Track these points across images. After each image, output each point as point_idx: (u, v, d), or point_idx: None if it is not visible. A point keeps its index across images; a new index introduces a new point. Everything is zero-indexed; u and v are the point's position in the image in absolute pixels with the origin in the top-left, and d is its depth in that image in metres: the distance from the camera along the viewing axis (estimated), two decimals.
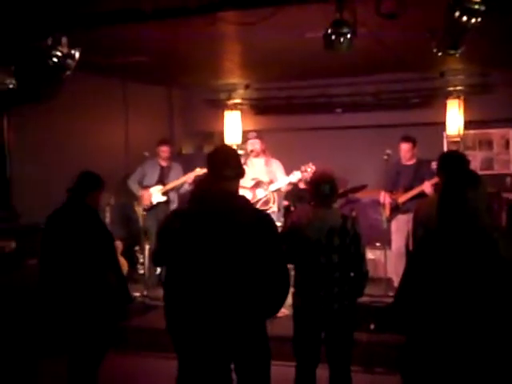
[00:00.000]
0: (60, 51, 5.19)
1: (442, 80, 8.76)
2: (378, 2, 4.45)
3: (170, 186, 8.04)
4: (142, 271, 8.29)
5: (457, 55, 5.01)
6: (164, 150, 8.20)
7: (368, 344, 5.59)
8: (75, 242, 4.49)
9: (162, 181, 8.13)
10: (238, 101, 9.86)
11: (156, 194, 8.05)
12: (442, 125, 8.85)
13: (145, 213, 8.01)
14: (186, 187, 7.97)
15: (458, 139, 8.90)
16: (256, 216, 3.52)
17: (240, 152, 6.45)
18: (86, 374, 4.60)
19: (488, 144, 9.27)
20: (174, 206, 8.03)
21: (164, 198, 8.07)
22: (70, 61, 5.27)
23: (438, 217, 2.89)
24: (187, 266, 3.40)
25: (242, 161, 4.00)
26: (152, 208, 8.03)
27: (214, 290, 3.32)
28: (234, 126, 9.88)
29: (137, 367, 5.93)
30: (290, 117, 9.67)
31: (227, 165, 3.48)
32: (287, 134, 9.45)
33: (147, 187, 8.09)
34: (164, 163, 8.23)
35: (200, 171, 7.62)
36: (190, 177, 7.82)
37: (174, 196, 8.19)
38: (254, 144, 7.31)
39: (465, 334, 2.65)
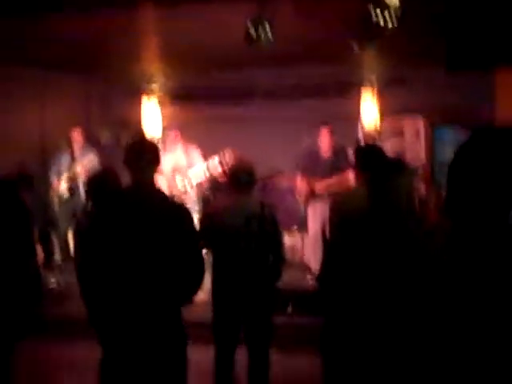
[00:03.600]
0: None
1: (358, 72, 8.99)
2: None
3: (75, 172, 7.84)
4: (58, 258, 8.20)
5: (371, 49, 5.18)
6: (75, 133, 8.05)
7: (285, 327, 5.69)
8: None
9: (71, 167, 7.94)
10: (156, 90, 9.78)
11: (64, 187, 7.93)
12: (358, 116, 9.08)
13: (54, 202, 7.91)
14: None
15: (374, 130, 9.16)
16: (169, 206, 3.58)
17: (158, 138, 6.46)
18: None
19: (400, 134, 9.56)
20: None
21: (66, 187, 7.89)
22: None
23: (367, 201, 3.00)
24: (103, 259, 3.43)
25: (160, 147, 4.04)
26: (60, 197, 7.93)
27: (130, 278, 3.36)
28: (152, 115, 9.80)
29: (54, 355, 5.92)
30: (209, 106, 9.67)
31: (141, 156, 3.52)
32: (207, 124, 9.43)
33: (59, 177, 7.96)
34: (76, 149, 8.03)
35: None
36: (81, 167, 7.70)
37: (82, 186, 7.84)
38: (173, 134, 7.34)
39: (376, 315, 2.78)
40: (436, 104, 8.84)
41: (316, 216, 7.45)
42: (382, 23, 4.29)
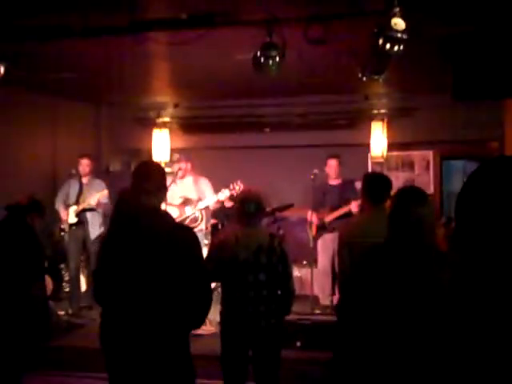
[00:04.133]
0: None
1: (367, 103, 9.02)
2: (306, 27, 4.58)
3: (80, 206, 7.73)
4: (67, 289, 8.15)
5: (380, 80, 5.20)
6: (83, 164, 7.87)
7: (295, 361, 5.63)
8: (7, 255, 4.40)
9: (78, 200, 7.80)
10: (166, 119, 9.83)
11: (71, 215, 7.76)
12: (366, 146, 9.11)
13: (62, 233, 7.78)
14: (99, 210, 7.76)
15: (382, 160, 9.17)
16: (177, 231, 3.53)
17: (168, 170, 6.47)
18: None
19: (410, 165, 9.59)
20: (93, 226, 7.78)
21: (75, 220, 7.74)
22: None
23: (388, 232, 2.94)
24: (113, 282, 3.41)
25: (170, 180, 4.03)
26: (70, 228, 7.76)
27: (137, 304, 3.33)
28: (162, 144, 9.84)
29: None
30: (219, 135, 9.75)
31: (148, 178, 3.50)
32: (216, 153, 9.51)
33: (68, 207, 7.82)
34: (85, 179, 7.90)
35: (101, 195, 7.57)
36: (96, 198, 7.62)
37: (93, 217, 7.83)
38: (181, 164, 7.34)
39: (399, 349, 2.71)
40: (445, 135, 8.87)
41: (325, 248, 7.45)
42: (388, 47, 4.30)
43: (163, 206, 3.62)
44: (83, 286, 8.17)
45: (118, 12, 4.63)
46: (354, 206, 6.97)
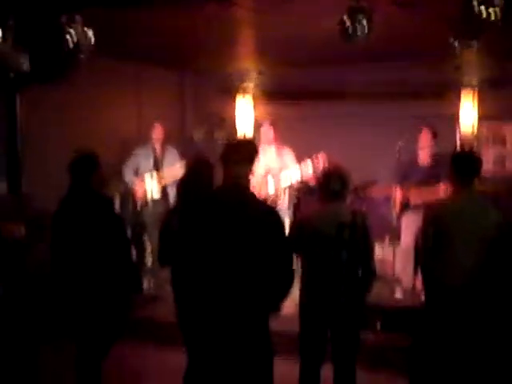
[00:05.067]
0: (74, 31, 5.17)
1: (457, 73, 8.67)
2: None
3: (163, 180, 7.49)
4: (149, 262, 8.15)
5: (473, 47, 4.96)
6: (156, 128, 7.66)
7: (374, 344, 5.55)
8: (88, 231, 4.46)
9: (156, 169, 7.60)
10: (250, 87, 9.80)
11: (150, 187, 7.56)
12: (455, 118, 8.77)
13: (139, 208, 7.65)
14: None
15: (472, 134, 8.81)
16: (263, 211, 3.51)
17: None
18: (92, 364, 4.60)
19: (501, 140, 9.17)
20: (172, 198, 7.42)
21: (158, 195, 7.59)
22: (83, 41, 5.26)
23: None
24: (192, 262, 3.41)
25: None
26: (147, 202, 7.62)
27: (220, 284, 3.33)
28: (245, 113, 9.86)
29: (142, 359, 5.95)
30: (302, 104, 9.61)
31: (238, 150, 3.48)
32: (299, 123, 9.39)
33: (142, 177, 7.64)
34: (158, 148, 7.69)
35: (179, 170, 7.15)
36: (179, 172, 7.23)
37: (171, 188, 7.49)
38: (267, 132, 7.28)
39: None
40: None
41: (409, 228, 7.19)
42: (484, 15, 4.08)
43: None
44: None
45: None
46: (442, 189, 6.58)
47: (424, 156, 7.04)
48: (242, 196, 3.45)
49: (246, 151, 3.51)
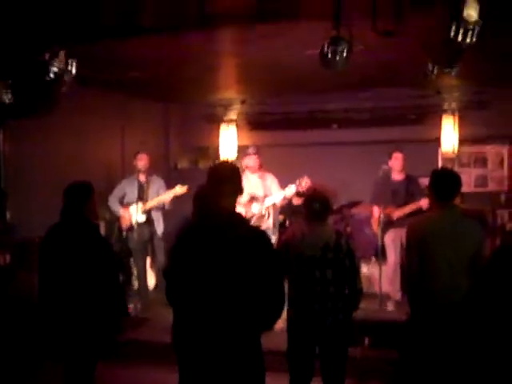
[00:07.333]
0: (57, 65, 5.21)
1: (438, 97, 8.80)
2: (374, 19, 4.48)
3: (149, 204, 7.57)
4: (136, 285, 8.20)
5: (452, 73, 5.05)
6: (141, 159, 7.64)
7: (362, 359, 5.57)
8: (76, 258, 4.46)
9: (141, 198, 7.60)
10: (233, 116, 9.87)
11: (135, 214, 7.59)
12: (436, 141, 8.88)
13: (125, 233, 7.72)
14: (167, 207, 7.64)
15: (453, 156, 8.93)
16: (252, 233, 3.52)
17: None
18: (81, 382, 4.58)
19: (482, 161, 9.30)
20: (158, 223, 7.72)
21: (144, 218, 7.62)
22: (67, 75, 5.29)
23: None
24: (186, 282, 3.42)
25: None
26: (132, 228, 7.64)
27: (211, 305, 3.34)
28: (229, 141, 9.90)
29: (129, 380, 5.89)
30: (285, 132, 9.70)
31: (225, 181, 3.50)
32: (283, 149, 9.46)
33: (127, 206, 7.68)
34: (143, 177, 7.69)
35: (180, 190, 7.38)
36: (169, 196, 7.46)
37: (157, 214, 7.72)
38: (251, 160, 7.30)
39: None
40: None
41: (394, 244, 7.30)
42: (459, 39, 4.15)
43: None
44: (152, 281, 8.24)
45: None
46: (424, 203, 6.80)
47: (398, 177, 7.51)
48: (231, 220, 3.47)
49: (236, 183, 3.52)
